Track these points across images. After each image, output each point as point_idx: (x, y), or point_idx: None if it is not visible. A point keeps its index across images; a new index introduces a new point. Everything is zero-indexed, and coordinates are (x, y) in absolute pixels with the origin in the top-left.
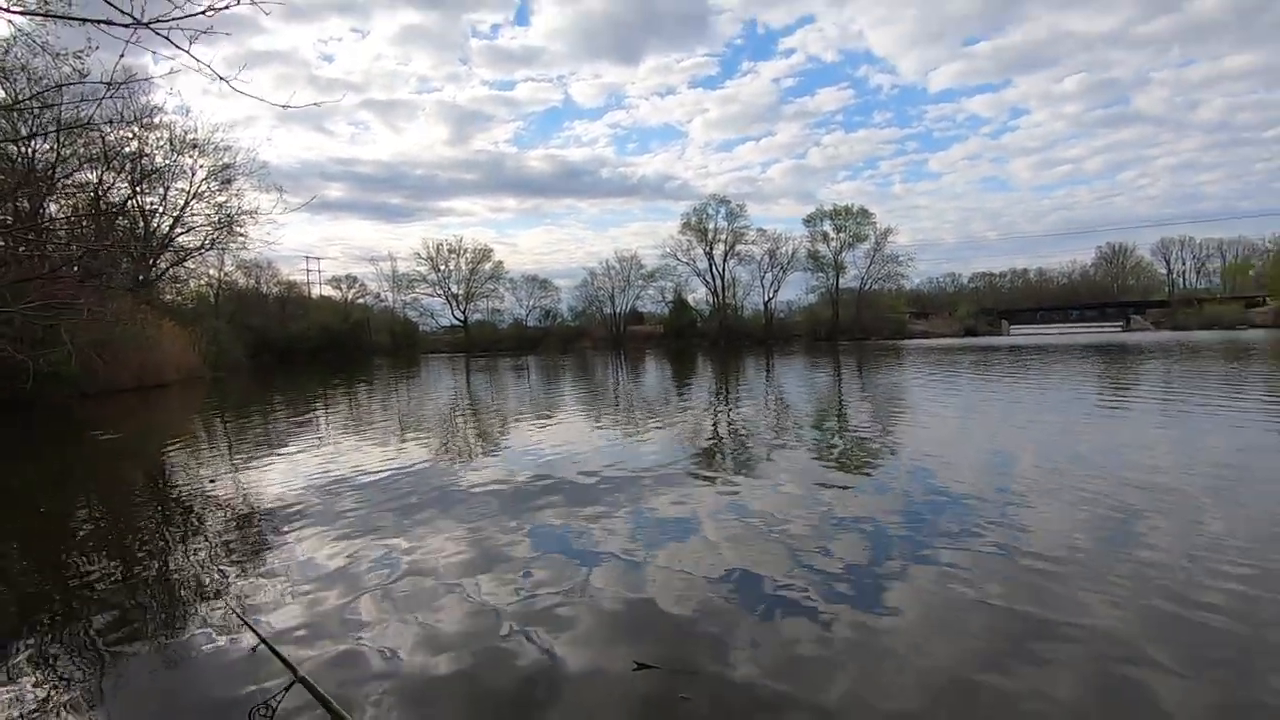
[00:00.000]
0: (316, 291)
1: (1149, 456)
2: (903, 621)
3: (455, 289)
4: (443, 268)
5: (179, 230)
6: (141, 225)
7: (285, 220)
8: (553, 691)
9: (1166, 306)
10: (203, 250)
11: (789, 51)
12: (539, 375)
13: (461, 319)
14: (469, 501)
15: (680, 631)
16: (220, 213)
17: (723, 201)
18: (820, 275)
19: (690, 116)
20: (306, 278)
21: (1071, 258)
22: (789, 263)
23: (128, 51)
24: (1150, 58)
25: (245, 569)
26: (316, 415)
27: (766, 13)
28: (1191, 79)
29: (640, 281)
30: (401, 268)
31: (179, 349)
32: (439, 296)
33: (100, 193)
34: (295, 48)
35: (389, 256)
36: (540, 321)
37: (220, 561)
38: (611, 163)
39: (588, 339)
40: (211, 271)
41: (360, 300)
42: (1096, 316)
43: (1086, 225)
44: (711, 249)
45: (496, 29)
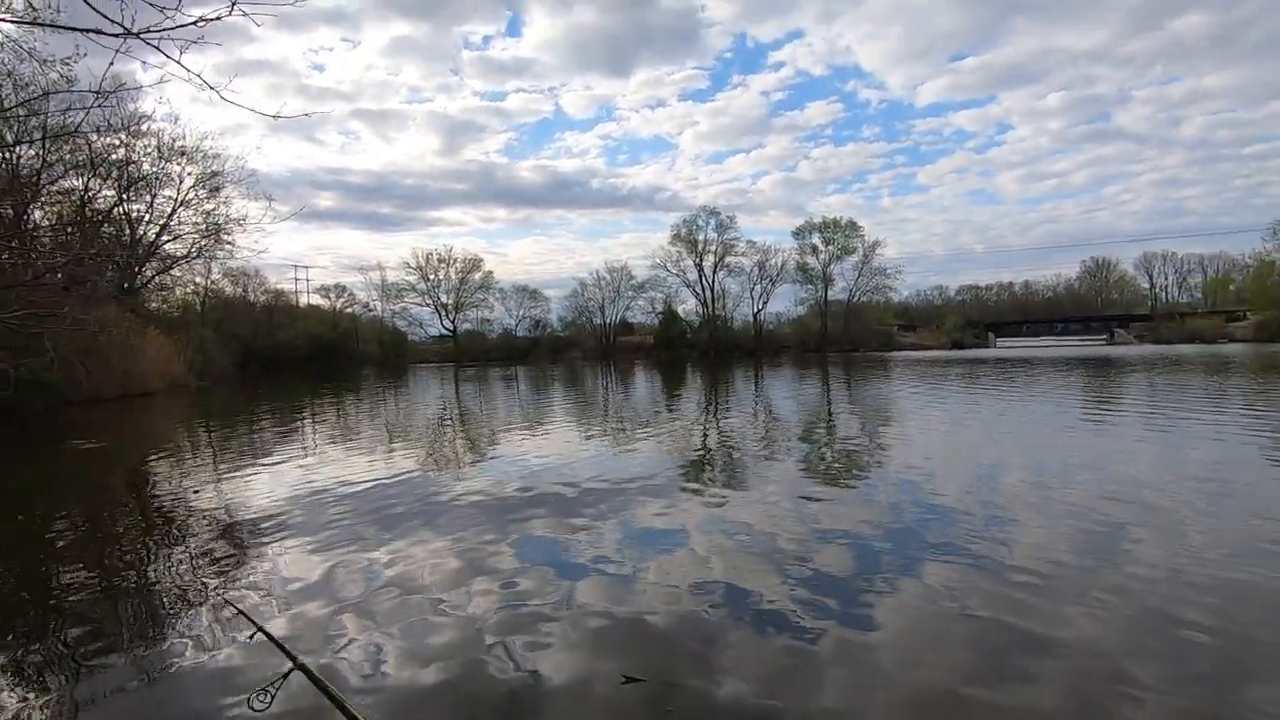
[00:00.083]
0: (304, 300)
1: (1132, 470)
2: (889, 635)
3: (445, 299)
4: (432, 277)
5: (165, 238)
6: (127, 233)
7: (274, 229)
8: (539, 704)
9: (1149, 320)
10: (189, 258)
11: (778, 65)
12: (528, 386)
13: (451, 329)
14: (455, 512)
15: (668, 644)
16: (208, 221)
17: (713, 213)
18: (809, 287)
19: (681, 128)
20: (295, 286)
21: (1057, 271)
22: (778, 274)
23: (116, 59)
24: (1133, 75)
25: (226, 580)
26: (302, 425)
27: (756, 27)
28: (1173, 96)
29: (630, 292)
30: (391, 277)
31: (164, 357)
32: (428, 306)
33: (86, 200)
34: (285, 57)
35: (378, 266)
36: (530, 332)
37: (201, 572)
38: (602, 174)
39: (577, 349)
40: (198, 279)
41: (349, 309)
42: (1081, 330)
43: (1071, 239)
44: (701, 260)
45: (488, 40)
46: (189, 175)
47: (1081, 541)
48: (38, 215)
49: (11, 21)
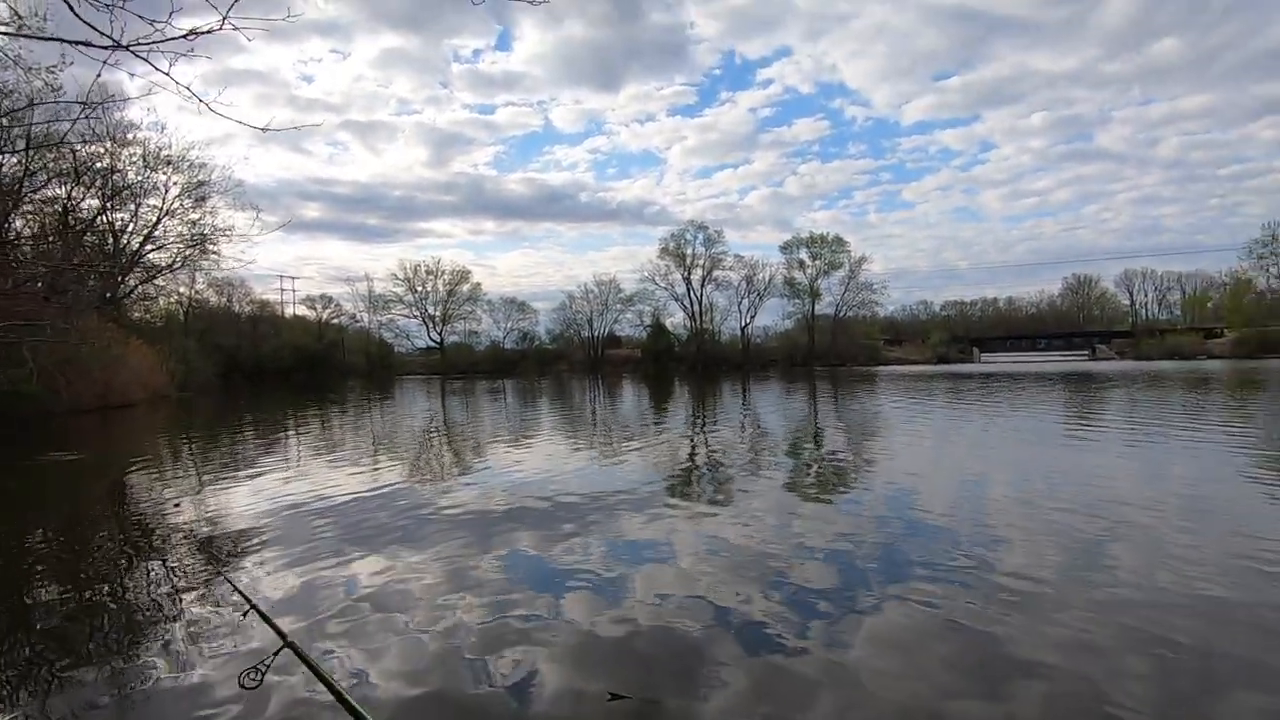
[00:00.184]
0: (290, 311)
1: (1114, 486)
2: (876, 651)
3: (432, 310)
4: (420, 289)
5: (149, 248)
6: (111, 242)
7: (261, 239)
8: None
9: (1130, 336)
10: (173, 269)
11: (766, 82)
12: (515, 398)
13: (438, 341)
14: (439, 526)
15: (654, 661)
16: (193, 231)
17: (701, 227)
18: (796, 301)
19: (669, 143)
20: (280, 297)
21: (1040, 288)
22: (766, 289)
23: (103, 70)
24: (1112, 96)
25: (203, 594)
26: (286, 437)
27: (744, 44)
28: (1151, 117)
29: (618, 305)
30: (378, 288)
31: (146, 368)
32: (415, 318)
33: (69, 208)
34: (275, 68)
35: (365, 277)
36: (518, 344)
37: (178, 585)
38: (591, 187)
39: (565, 362)
40: (182, 289)
41: (335, 321)
42: (1063, 345)
43: (1054, 256)
44: (689, 274)
45: (478, 54)
46: (174, 184)
47: (1064, 559)
48: (19, 224)
49: (2, 33)
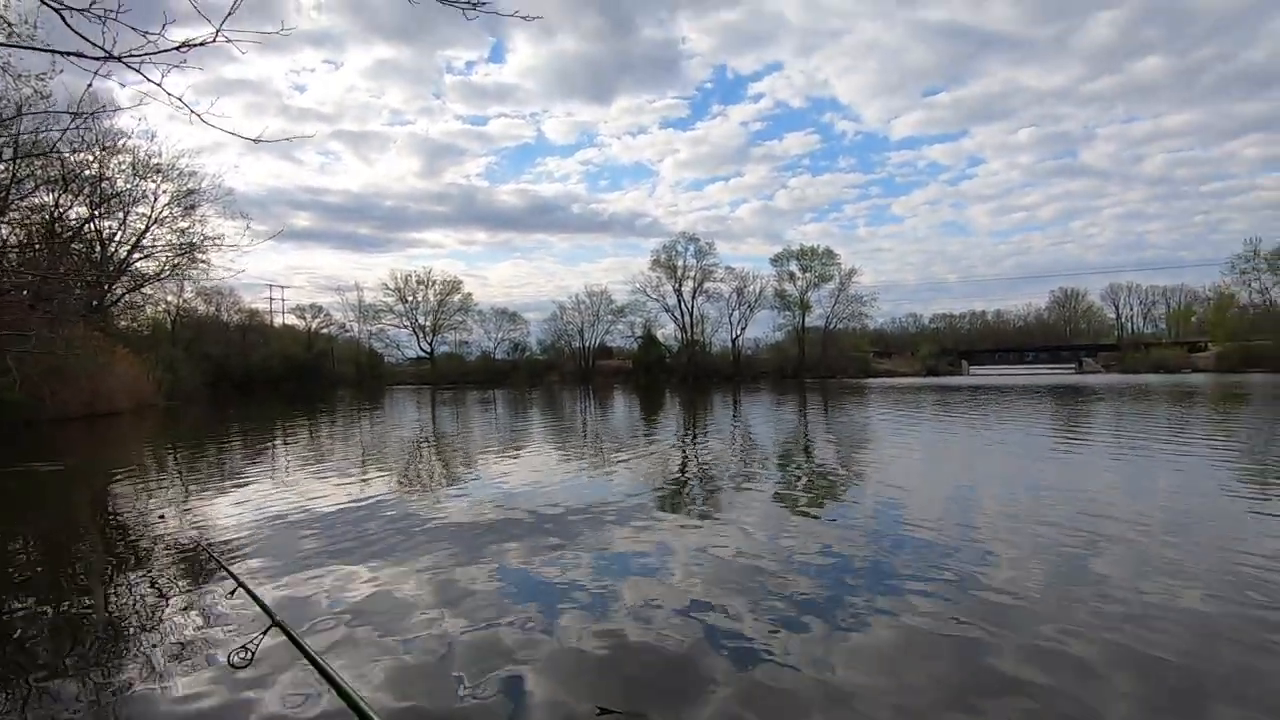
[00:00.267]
0: (279, 320)
1: (1101, 498)
2: (867, 663)
3: (423, 320)
4: (410, 299)
5: (137, 256)
6: (98, 250)
7: (251, 248)
8: None
9: (1116, 350)
10: (161, 277)
11: (757, 96)
12: (506, 409)
13: (428, 351)
14: (428, 538)
15: (645, 674)
16: (182, 239)
17: (692, 239)
18: (787, 314)
19: (661, 156)
20: (269, 306)
21: (1027, 301)
22: (756, 301)
23: (94, 79)
24: (1097, 113)
25: (187, 606)
26: (273, 447)
27: (736, 59)
28: (1135, 135)
29: (610, 316)
30: (368, 298)
31: (132, 376)
32: (406, 328)
33: (56, 216)
34: (267, 77)
35: (356, 287)
36: (509, 354)
37: (161, 598)
38: (583, 199)
39: (556, 373)
40: (170, 298)
41: (325, 330)
42: (1050, 358)
43: (1041, 270)
44: (681, 286)
45: (471, 65)
46: (164, 193)
47: (1051, 574)
48: (4, 232)
49: None
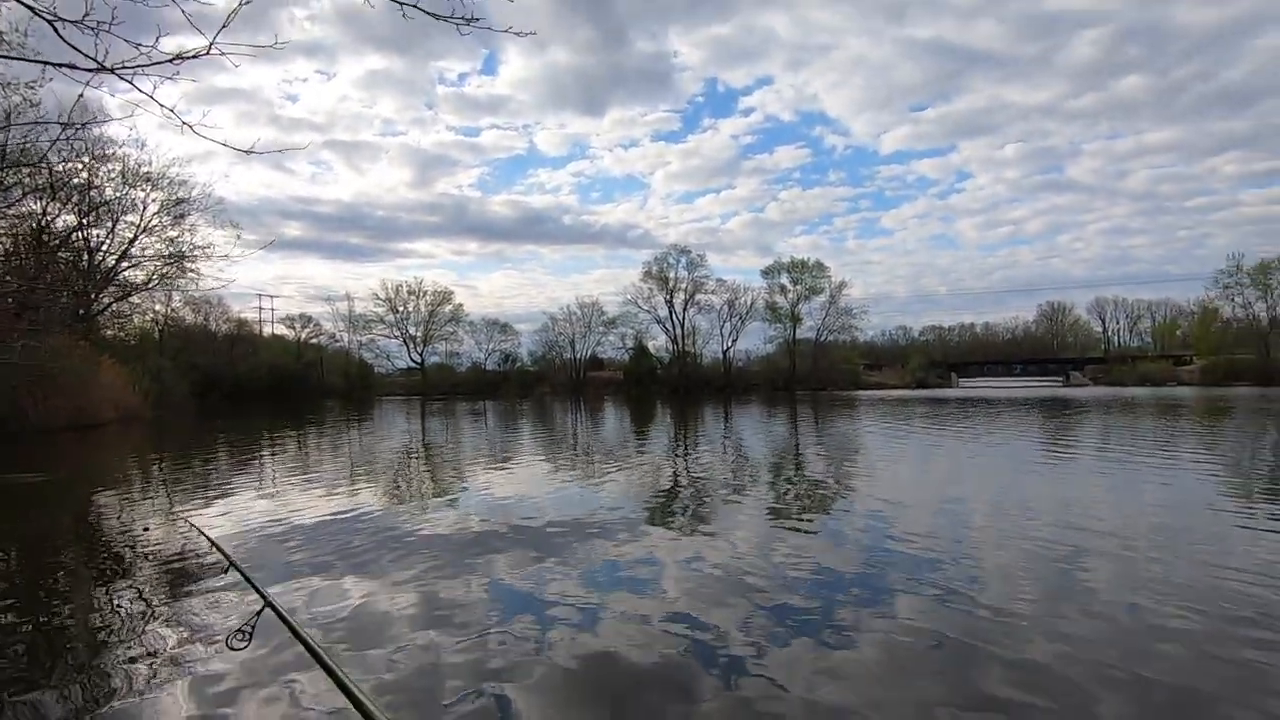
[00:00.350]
0: (268, 330)
1: (1089, 511)
2: (855, 681)
3: (413, 331)
4: (401, 309)
5: (125, 265)
6: (86, 259)
7: (241, 258)
8: None
9: (1103, 363)
10: (149, 287)
11: (748, 110)
12: (496, 420)
13: (419, 361)
14: (418, 550)
15: (636, 689)
16: (171, 248)
17: (683, 251)
18: (778, 326)
19: (653, 168)
20: (258, 316)
21: (1015, 314)
22: (748, 313)
23: (85, 88)
24: (1081, 130)
25: (171, 621)
26: (260, 458)
27: (727, 73)
28: (1119, 151)
29: (601, 328)
30: (359, 308)
31: (118, 387)
32: (396, 338)
33: (44, 225)
34: (259, 87)
35: (346, 296)
36: (499, 365)
37: (146, 612)
38: (574, 210)
39: (547, 384)
40: (158, 307)
41: (314, 340)
42: (1039, 371)
43: (1028, 283)
44: (672, 297)
45: (464, 77)
46: (153, 201)
47: (1039, 590)
48: None
49: None
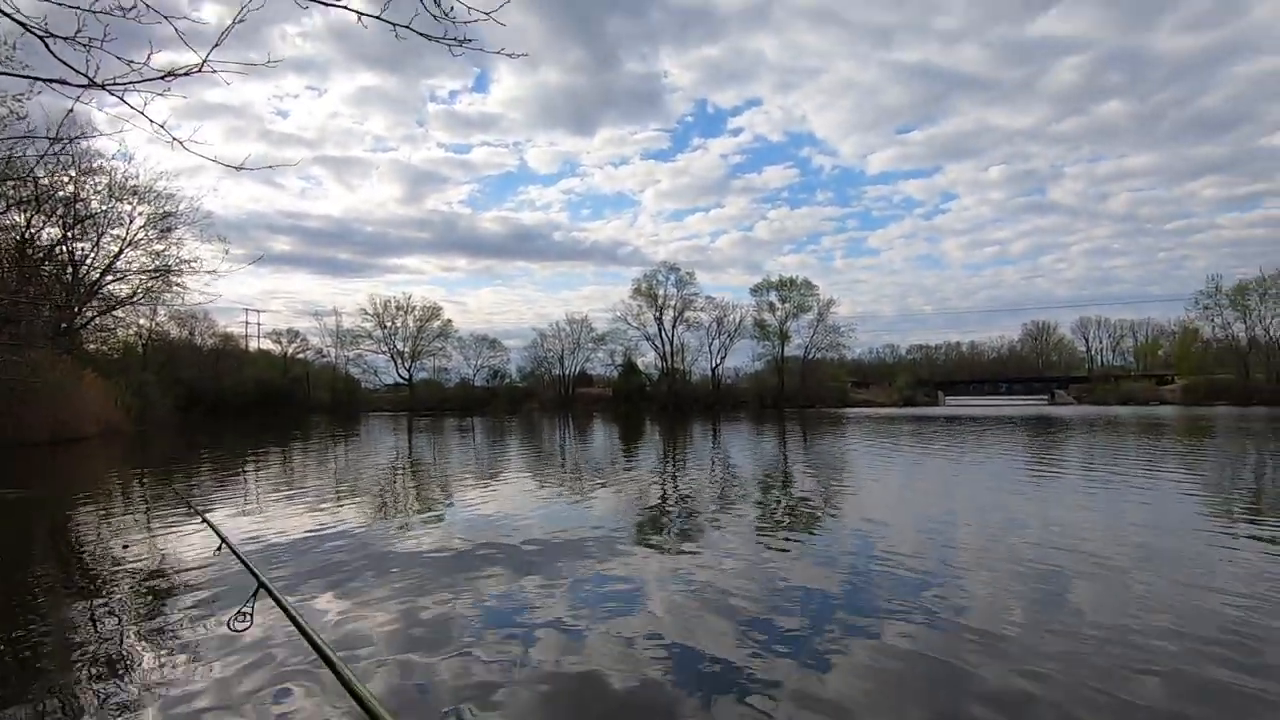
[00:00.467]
0: (255, 345)
1: (1073, 533)
2: (845, 696)
3: (401, 346)
4: (389, 324)
5: (109, 278)
6: (70, 272)
7: (228, 272)
8: None
9: (1087, 382)
10: (134, 300)
11: (737, 130)
12: (484, 436)
13: (407, 377)
14: (402, 568)
15: (618, 710)
16: (157, 262)
17: (673, 269)
18: (766, 343)
19: (643, 186)
20: (245, 330)
21: (1000, 333)
22: (736, 330)
23: (74, 102)
24: (1064, 153)
25: (152, 641)
26: (243, 474)
27: (716, 94)
28: (1100, 174)
29: (590, 344)
30: (347, 323)
31: (100, 401)
32: (384, 354)
33: (27, 238)
34: (249, 102)
35: (334, 312)
36: (488, 381)
37: (125, 632)
38: (564, 227)
39: (536, 400)
40: (142, 321)
41: (301, 355)
42: (1024, 390)
43: (1013, 303)
44: (661, 314)
45: (455, 95)
46: (140, 215)
47: (1024, 610)
48: None
49: None
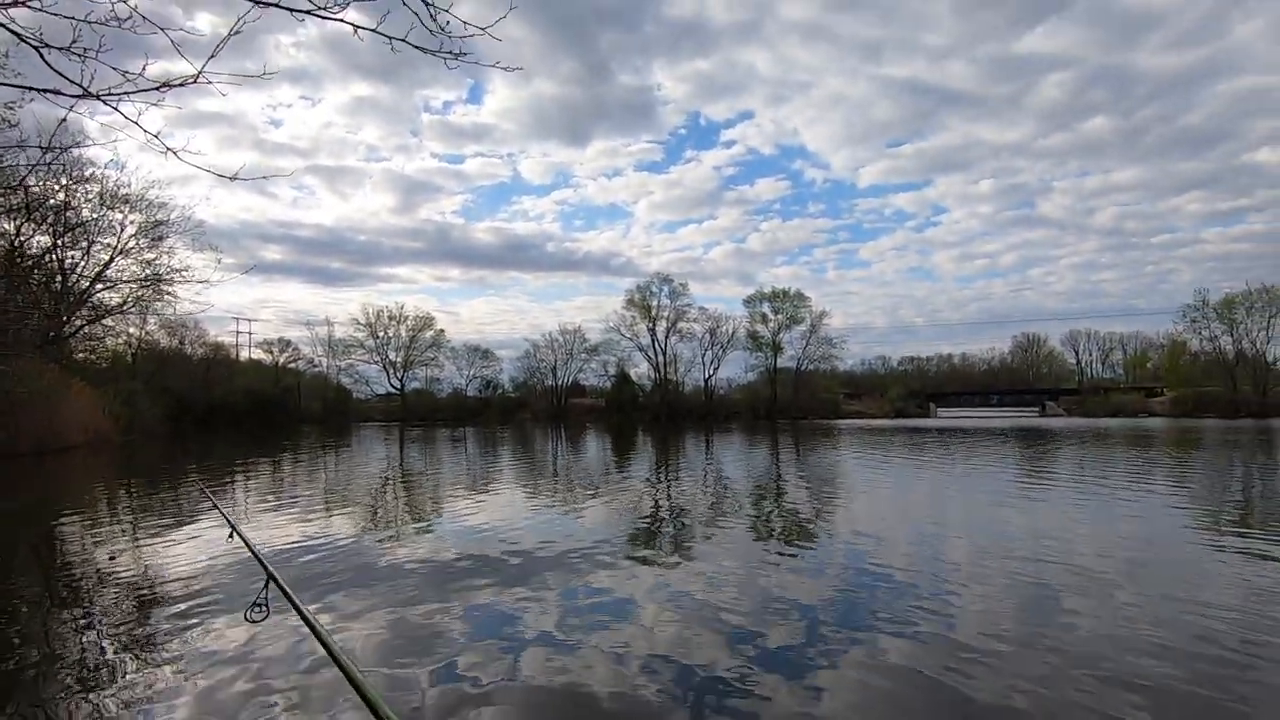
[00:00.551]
0: (246, 355)
1: (1064, 543)
2: (836, 711)
3: (394, 356)
4: (381, 334)
5: (99, 287)
6: (59, 280)
7: (219, 281)
8: None
9: (1077, 394)
10: (124, 309)
11: (730, 143)
12: (476, 447)
13: (399, 387)
14: (393, 580)
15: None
16: (148, 271)
17: (666, 280)
18: (759, 354)
19: (636, 197)
20: (235, 340)
21: (991, 345)
22: (729, 341)
23: (68, 113)
24: (1051, 167)
25: (140, 654)
26: (233, 485)
27: (709, 106)
28: (1087, 188)
29: (583, 355)
30: (339, 333)
31: (87, 410)
32: (376, 363)
33: (17, 245)
34: (243, 111)
35: (326, 321)
36: (480, 392)
37: (112, 645)
38: (558, 238)
39: (528, 411)
40: (132, 330)
41: (292, 365)
42: (1015, 401)
43: (1003, 315)
44: (654, 325)
45: (449, 105)
46: (131, 223)
47: (1016, 620)
48: None
49: None
